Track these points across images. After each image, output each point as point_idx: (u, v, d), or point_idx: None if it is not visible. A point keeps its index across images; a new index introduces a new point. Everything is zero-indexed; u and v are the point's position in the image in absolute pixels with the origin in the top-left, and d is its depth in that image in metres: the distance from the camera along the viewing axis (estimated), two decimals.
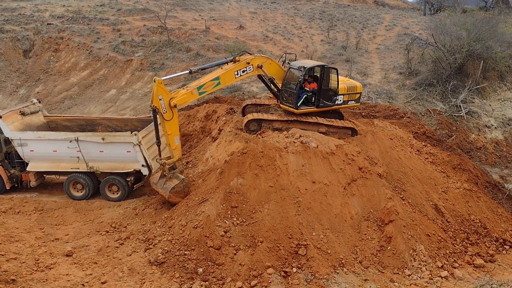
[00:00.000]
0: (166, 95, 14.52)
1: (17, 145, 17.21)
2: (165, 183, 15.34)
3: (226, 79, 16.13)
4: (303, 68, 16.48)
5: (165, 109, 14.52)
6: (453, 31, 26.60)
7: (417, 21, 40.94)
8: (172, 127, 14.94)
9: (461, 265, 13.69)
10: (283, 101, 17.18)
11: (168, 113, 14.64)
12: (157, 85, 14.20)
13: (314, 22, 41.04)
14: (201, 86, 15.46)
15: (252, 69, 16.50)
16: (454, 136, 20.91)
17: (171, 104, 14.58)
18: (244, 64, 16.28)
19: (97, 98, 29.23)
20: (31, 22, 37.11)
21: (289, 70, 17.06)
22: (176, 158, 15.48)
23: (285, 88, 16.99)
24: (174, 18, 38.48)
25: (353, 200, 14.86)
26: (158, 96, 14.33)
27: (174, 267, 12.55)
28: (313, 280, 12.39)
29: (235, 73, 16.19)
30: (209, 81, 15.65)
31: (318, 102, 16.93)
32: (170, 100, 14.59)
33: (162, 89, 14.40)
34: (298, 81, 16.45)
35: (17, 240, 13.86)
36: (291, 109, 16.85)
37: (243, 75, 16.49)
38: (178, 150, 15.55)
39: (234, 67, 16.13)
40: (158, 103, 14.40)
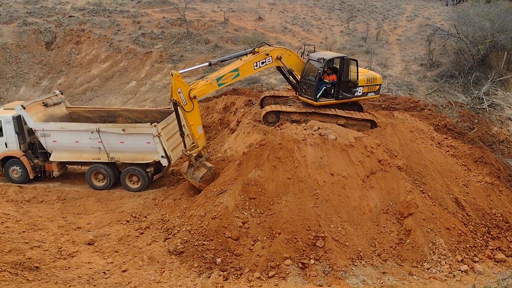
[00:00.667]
0: (184, 87, 14.60)
1: (40, 136, 17.57)
2: (194, 172, 15.56)
3: (245, 71, 16.09)
4: (322, 60, 16.34)
5: (185, 101, 14.62)
6: (476, 22, 25.98)
7: (439, 12, 40.16)
8: (193, 117, 15.06)
9: (481, 259, 13.54)
10: (301, 93, 17.08)
11: (189, 104, 14.74)
12: (174, 79, 14.29)
13: (334, 13, 40.62)
14: (220, 77, 15.47)
15: (271, 60, 16.41)
16: (476, 128, 20.53)
17: (191, 95, 14.66)
18: (263, 55, 16.20)
19: (118, 89, 29.55)
20: (53, 15, 37.61)
21: (308, 61, 16.93)
22: (200, 147, 15.64)
23: (304, 80, 16.87)
24: (193, 10, 38.54)
25: (372, 192, 14.78)
26: (177, 89, 14.42)
27: (193, 257, 12.72)
28: (331, 272, 12.41)
29: (254, 64, 16.12)
30: (228, 72, 15.64)
31: (337, 94, 16.77)
32: (190, 91, 14.67)
33: (180, 81, 14.48)
34: (317, 73, 16.32)
35: (41, 229, 14.22)
36: (310, 101, 16.74)
37: (262, 66, 16.40)
38: (202, 139, 15.70)
39: (253, 58, 16.07)
40: (177, 96, 14.50)
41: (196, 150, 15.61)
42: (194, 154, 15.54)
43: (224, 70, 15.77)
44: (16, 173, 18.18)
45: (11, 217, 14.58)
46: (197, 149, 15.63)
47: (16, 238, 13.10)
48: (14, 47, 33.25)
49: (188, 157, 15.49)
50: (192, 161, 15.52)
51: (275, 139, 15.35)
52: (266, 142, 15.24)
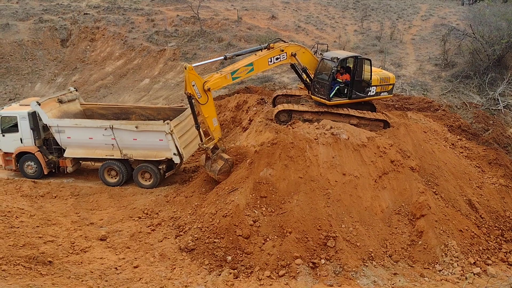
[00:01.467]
0: (198, 80, 14.54)
1: (55, 132, 17.78)
2: (212, 165, 15.60)
3: (259, 66, 15.96)
4: (336, 59, 16.25)
5: (199, 94, 14.56)
6: (493, 22, 25.65)
7: (454, 11, 39.74)
8: (208, 110, 15.05)
9: (494, 262, 13.37)
10: (314, 92, 17.01)
11: (203, 97, 14.68)
12: (188, 72, 14.24)
13: (348, 12, 40.42)
14: (235, 71, 15.36)
15: (285, 57, 16.28)
16: (491, 130, 20.27)
17: (205, 88, 14.60)
18: (278, 51, 16.08)
19: (131, 87, 29.77)
20: (69, 12, 38.01)
21: (322, 60, 16.85)
22: (216, 139, 15.65)
23: (317, 79, 16.80)
24: (207, 8, 38.66)
25: (384, 193, 14.69)
26: (191, 82, 14.37)
27: (204, 255, 12.77)
28: (342, 272, 12.37)
29: (268, 60, 16.00)
30: (243, 66, 15.53)
31: (350, 93, 16.68)
32: (204, 84, 14.61)
33: (194, 75, 14.42)
34: (331, 72, 16.25)
35: (54, 224, 14.40)
36: (323, 100, 16.67)
37: (276, 62, 16.29)
38: (217, 130, 15.70)
39: (268, 54, 15.96)
40: (191, 89, 14.46)
41: (213, 143, 15.63)
42: (211, 146, 15.56)
43: (239, 64, 15.69)
44: (30, 169, 18.43)
45: (26, 212, 14.78)
46: (213, 141, 15.65)
47: (30, 233, 13.28)
48: (30, 44, 33.69)
49: (205, 150, 15.53)
50: (209, 153, 15.56)
51: (287, 138, 15.32)
52: (278, 141, 15.21)
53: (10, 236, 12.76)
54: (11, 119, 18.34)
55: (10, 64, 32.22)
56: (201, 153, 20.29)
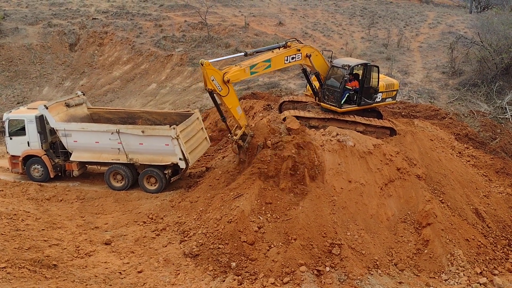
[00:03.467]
0: (217, 74, 14.30)
1: (61, 136, 17.85)
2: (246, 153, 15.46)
3: (276, 63, 15.83)
4: (348, 67, 16.29)
5: (220, 87, 14.32)
6: (501, 30, 25.57)
7: (462, 19, 39.65)
8: (231, 100, 14.87)
9: (501, 272, 13.24)
10: (324, 99, 16.99)
11: (224, 89, 14.44)
12: (206, 68, 13.95)
13: (355, 19, 40.45)
14: (253, 66, 15.19)
15: (300, 57, 16.16)
16: (498, 138, 20.14)
17: (225, 79, 14.35)
18: (295, 50, 15.98)
19: (138, 91, 29.91)
20: (77, 17, 38.33)
21: (332, 67, 16.85)
22: (243, 127, 15.44)
23: (327, 86, 16.80)
24: (215, 14, 38.83)
25: (390, 201, 14.61)
26: (210, 77, 14.11)
27: (208, 260, 12.74)
28: (346, 280, 12.29)
29: (285, 58, 15.89)
30: (261, 62, 15.37)
31: (360, 100, 16.78)
32: (223, 75, 14.37)
33: (212, 69, 14.15)
34: (343, 80, 16.30)
35: (59, 227, 14.43)
36: (333, 107, 16.68)
37: (292, 62, 16.16)
38: (242, 118, 15.52)
39: (285, 52, 15.85)
40: (212, 84, 14.22)
41: (241, 131, 15.41)
42: (240, 134, 15.35)
43: (257, 59, 15.51)
44: (37, 172, 18.51)
45: (31, 215, 14.83)
46: (241, 130, 15.43)
47: (35, 236, 13.31)
48: (39, 48, 33.98)
49: (235, 141, 15.35)
50: (240, 143, 15.37)
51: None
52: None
53: (16, 239, 12.79)
54: (18, 122, 18.45)
55: (18, 67, 32.49)
56: (207, 158, 20.36)
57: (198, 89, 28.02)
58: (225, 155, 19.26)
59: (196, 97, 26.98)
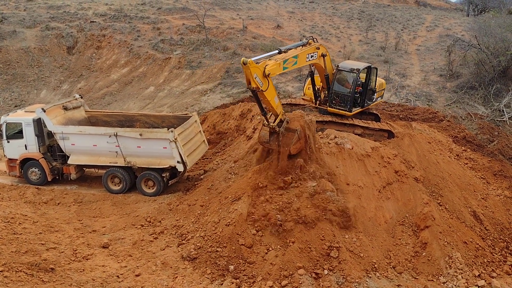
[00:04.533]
0: (258, 70, 13.67)
1: (59, 139, 17.82)
2: (282, 139, 14.70)
3: (301, 60, 15.50)
4: (357, 71, 16.33)
5: (261, 82, 13.68)
6: (498, 33, 25.68)
7: (459, 22, 39.80)
8: (270, 93, 14.29)
9: (499, 275, 13.23)
10: (332, 104, 16.98)
11: (264, 84, 13.78)
12: (250, 67, 13.25)
13: (353, 22, 40.55)
14: (285, 61, 14.76)
15: (316, 56, 16.01)
16: (496, 141, 20.18)
17: (266, 73, 13.70)
18: (314, 49, 15.85)
19: (136, 94, 29.89)
20: (75, 20, 38.33)
21: (339, 72, 16.82)
22: (280, 114, 14.86)
23: (335, 91, 16.79)
24: (213, 17, 38.88)
25: (388, 204, 14.61)
26: (253, 75, 13.42)
27: (206, 263, 12.70)
28: (345, 283, 12.26)
29: (307, 56, 15.66)
30: (291, 57, 14.98)
31: (363, 102, 17.03)
32: (264, 69, 13.68)
33: (255, 67, 13.42)
34: (354, 83, 16.41)
35: (57, 231, 14.38)
36: (343, 112, 16.79)
37: (311, 60, 15.94)
38: (279, 106, 14.92)
39: (307, 50, 15.64)
40: (256, 82, 13.54)
41: (278, 119, 14.81)
42: (277, 121, 14.76)
43: (288, 55, 15.12)
44: (34, 175, 18.46)
45: (29, 218, 14.78)
46: (278, 117, 14.81)
47: (32, 239, 13.27)
48: (37, 51, 33.96)
49: (273, 128, 14.64)
50: (276, 129, 14.66)
51: None
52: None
53: (13, 243, 12.74)
54: (16, 125, 18.40)
55: (16, 70, 32.46)
56: (205, 161, 20.34)
57: (196, 92, 28.03)
58: (223, 158, 19.24)
59: (194, 100, 26.98)
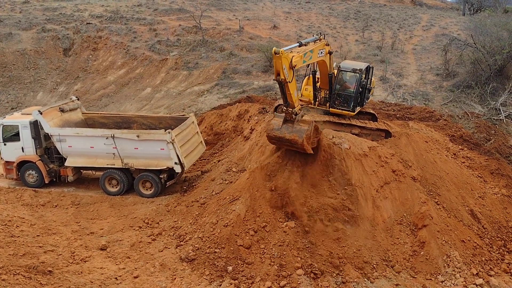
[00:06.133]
0: (286, 61, 13.36)
1: (56, 141, 17.79)
2: (294, 127, 14.10)
3: (314, 56, 15.27)
4: (360, 71, 16.36)
5: (287, 74, 13.37)
6: (494, 32, 25.73)
7: (455, 21, 39.89)
8: (293, 85, 13.90)
9: (497, 273, 13.26)
10: (334, 104, 16.98)
11: (290, 75, 13.47)
12: (283, 57, 12.97)
13: (349, 22, 40.60)
14: (305, 54, 14.52)
15: (323, 53, 15.86)
16: (493, 140, 20.22)
17: (293, 64, 13.42)
18: (323, 45, 15.72)
19: (133, 96, 29.85)
20: (71, 22, 38.25)
21: (340, 72, 16.80)
22: (297, 107, 14.33)
23: (338, 91, 16.79)
24: (209, 18, 38.87)
25: (386, 203, 14.62)
26: (283, 66, 13.14)
27: (204, 265, 12.69)
28: (343, 283, 12.27)
29: (318, 51, 15.49)
30: (308, 51, 14.70)
31: (362, 101, 17.13)
32: (291, 60, 13.35)
33: (286, 57, 13.13)
34: (359, 83, 16.45)
35: (55, 233, 14.35)
36: (345, 112, 16.86)
37: (320, 56, 15.77)
38: (298, 100, 14.39)
39: (319, 45, 15.47)
40: (284, 74, 13.26)
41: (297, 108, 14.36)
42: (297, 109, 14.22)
43: (307, 48, 14.89)
44: (31, 178, 18.41)
45: (26, 221, 14.74)
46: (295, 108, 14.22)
47: (30, 242, 13.23)
48: (33, 53, 33.87)
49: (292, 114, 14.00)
50: (293, 117, 14.04)
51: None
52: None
53: (10, 245, 12.70)
54: (12, 128, 18.36)
55: (12, 73, 32.37)
56: (203, 162, 20.32)
57: (193, 93, 28.00)
58: (220, 159, 19.23)
59: (191, 101, 26.95)
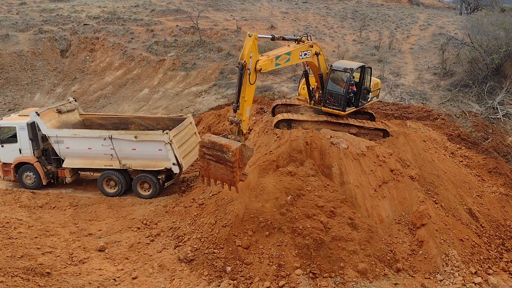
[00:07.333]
0: (256, 54, 13.20)
1: (53, 142, 17.75)
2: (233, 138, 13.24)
3: (294, 57, 15.16)
4: (350, 70, 16.30)
5: (250, 69, 13.08)
6: (491, 31, 25.78)
7: (452, 21, 39.94)
8: (250, 93, 13.50)
9: (495, 271, 13.29)
10: (326, 103, 16.96)
11: (252, 75, 13.18)
12: (253, 40, 12.91)
13: (346, 22, 40.61)
14: (278, 57, 14.40)
15: (310, 54, 15.77)
16: (490, 138, 20.27)
17: (257, 67, 13.23)
18: (307, 46, 15.57)
19: (131, 97, 29.79)
20: (68, 23, 38.15)
21: (332, 71, 16.80)
22: (244, 131, 13.76)
23: (329, 90, 16.78)
24: (206, 19, 38.81)
25: (384, 202, 14.63)
26: (250, 52, 12.98)
27: (203, 265, 12.69)
28: (342, 283, 12.27)
29: (300, 53, 15.33)
30: (284, 54, 14.61)
31: (357, 101, 16.97)
32: (257, 62, 13.22)
33: (255, 46, 13.02)
34: (348, 83, 16.38)
35: (53, 234, 14.32)
36: (337, 111, 16.70)
37: (304, 57, 15.66)
38: (246, 123, 13.85)
39: (300, 47, 15.33)
40: (248, 59, 12.97)
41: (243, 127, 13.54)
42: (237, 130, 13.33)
43: (281, 51, 14.82)
44: (29, 179, 18.37)
45: (24, 223, 14.71)
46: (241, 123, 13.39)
47: (28, 244, 13.20)
48: (30, 55, 33.78)
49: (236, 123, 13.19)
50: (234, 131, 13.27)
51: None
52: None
53: (8, 247, 12.68)
54: (10, 129, 18.31)
55: (9, 74, 32.27)
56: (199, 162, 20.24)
57: (191, 93, 27.98)
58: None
59: (189, 101, 26.93)
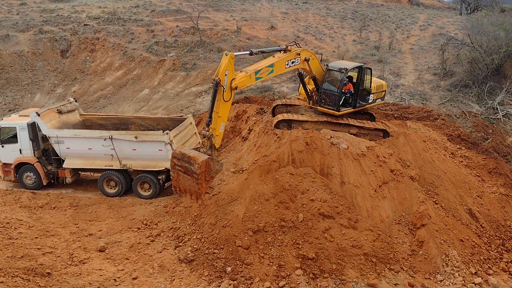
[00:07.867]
0: (231, 72, 13.66)
1: (54, 143, 17.76)
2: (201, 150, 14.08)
3: (278, 68, 15.58)
4: (345, 70, 16.31)
5: (225, 87, 13.56)
6: (491, 31, 25.78)
7: (452, 21, 39.93)
8: (224, 110, 14.03)
9: (496, 272, 13.29)
10: (321, 103, 16.97)
11: (227, 93, 13.70)
12: (228, 59, 13.42)
13: (346, 22, 40.61)
14: (258, 71, 14.86)
15: (299, 61, 16.07)
16: (490, 139, 20.27)
17: (232, 85, 13.73)
18: (294, 55, 15.87)
19: (131, 97, 29.80)
20: (69, 23, 38.17)
21: (328, 71, 16.85)
22: (217, 145, 14.44)
23: (324, 90, 16.80)
24: (206, 19, 38.82)
25: (384, 203, 14.64)
26: (226, 70, 13.49)
27: (203, 265, 12.69)
28: (342, 283, 12.28)
29: (286, 63, 15.72)
30: (265, 67, 15.07)
31: (355, 102, 16.91)
32: (232, 80, 13.74)
33: (231, 65, 13.57)
34: (341, 83, 16.36)
35: (53, 235, 14.33)
36: (331, 111, 16.70)
37: (292, 66, 16.01)
38: (219, 138, 14.49)
39: (286, 56, 15.68)
40: (223, 77, 13.48)
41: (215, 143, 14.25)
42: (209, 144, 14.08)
43: (261, 64, 15.25)
44: (29, 179, 18.38)
45: (24, 223, 14.71)
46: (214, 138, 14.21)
47: (28, 244, 13.21)
48: (30, 55, 33.80)
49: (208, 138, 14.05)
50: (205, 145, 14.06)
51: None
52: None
53: (9, 248, 12.69)
54: (10, 130, 18.33)
55: (10, 75, 32.29)
56: None
57: (191, 94, 27.98)
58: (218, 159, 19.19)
59: (189, 102, 26.93)
